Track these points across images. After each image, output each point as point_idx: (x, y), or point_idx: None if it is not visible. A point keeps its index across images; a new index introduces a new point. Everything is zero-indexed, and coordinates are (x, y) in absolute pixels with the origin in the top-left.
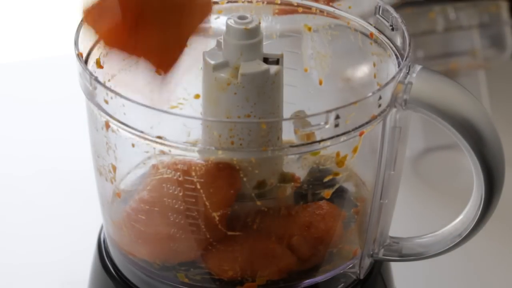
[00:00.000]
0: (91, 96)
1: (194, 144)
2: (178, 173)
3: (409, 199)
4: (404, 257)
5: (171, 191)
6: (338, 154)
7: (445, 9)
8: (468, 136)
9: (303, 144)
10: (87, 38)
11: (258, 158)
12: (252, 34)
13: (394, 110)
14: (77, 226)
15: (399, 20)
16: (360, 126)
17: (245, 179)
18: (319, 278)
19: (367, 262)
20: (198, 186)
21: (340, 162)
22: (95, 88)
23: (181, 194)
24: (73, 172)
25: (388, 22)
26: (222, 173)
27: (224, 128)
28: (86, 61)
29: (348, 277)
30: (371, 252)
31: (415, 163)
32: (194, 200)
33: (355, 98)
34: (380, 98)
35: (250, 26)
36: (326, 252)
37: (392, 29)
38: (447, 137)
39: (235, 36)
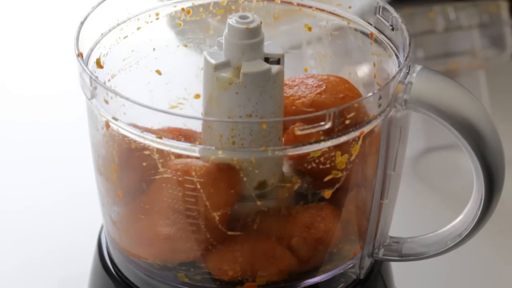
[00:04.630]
0: (91, 96)
1: (194, 144)
2: (179, 173)
3: (409, 199)
4: (404, 257)
5: (171, 191)
6: (338, 154)
7: (445, 9)
8: (468, 136)
9: (303, 144)
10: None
11: (259, 158)
12: (253, 33)
13: (394, 110)
14: (77, 226)
15: (399, 20)
16: (360, 126)
17: (245, 179)
18: (319, 278)
19: (367, 262)
20: (199, 186)
21: (340, 162)
22: (95, 88)
23: (181, 194)
24: (73, 172)
25: (388, 22)
26: (222, 173)
27: (226, 128)
28: (86, 61)
29: (348, 277)
30: (371, 252)
31: (415, 163)
32: (194, 200)
33: None
34: (380, 98)
35: (252, 25)
36: (326, 253)
37: (392, 29)
38: (447, 137)
39: (237, 36)
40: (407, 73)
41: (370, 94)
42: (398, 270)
